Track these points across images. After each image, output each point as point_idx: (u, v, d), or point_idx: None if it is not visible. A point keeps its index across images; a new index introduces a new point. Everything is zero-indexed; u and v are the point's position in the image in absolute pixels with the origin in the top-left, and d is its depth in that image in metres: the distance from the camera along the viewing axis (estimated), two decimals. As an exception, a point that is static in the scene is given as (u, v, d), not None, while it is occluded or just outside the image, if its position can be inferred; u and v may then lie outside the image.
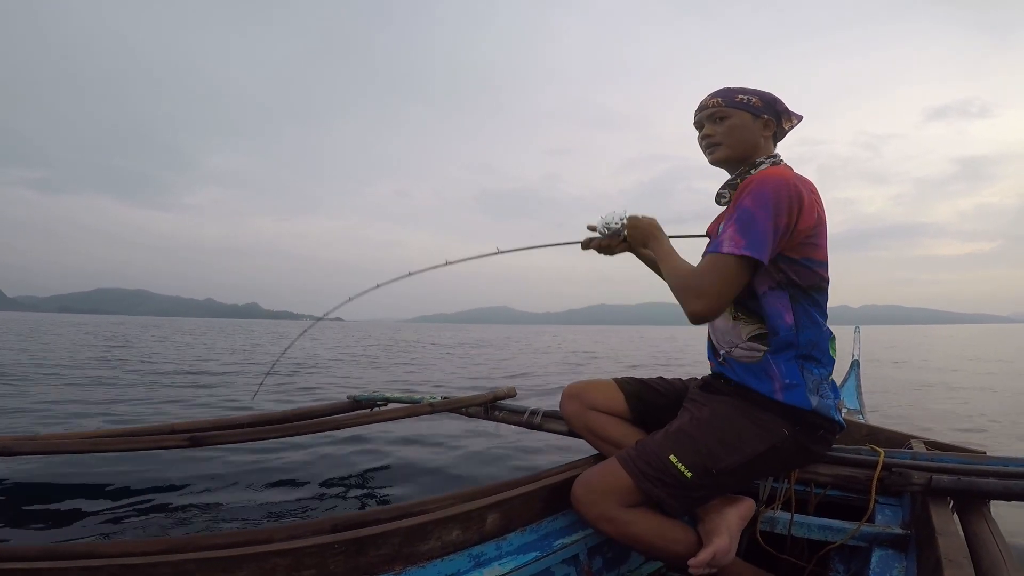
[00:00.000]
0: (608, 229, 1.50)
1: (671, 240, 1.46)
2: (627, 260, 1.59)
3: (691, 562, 1.25)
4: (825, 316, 1.37)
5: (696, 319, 1.26)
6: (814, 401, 1.30)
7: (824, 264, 1.33)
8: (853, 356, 3.68)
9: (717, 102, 1.40)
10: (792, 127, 1.47)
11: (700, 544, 1.29)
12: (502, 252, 1.79)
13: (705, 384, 1.50)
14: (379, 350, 15.38)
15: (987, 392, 7.16)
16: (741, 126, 1.39)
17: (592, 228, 1.54)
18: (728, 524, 1.32)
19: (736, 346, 1.39)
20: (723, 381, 1.43)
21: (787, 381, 1.30)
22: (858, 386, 3.24)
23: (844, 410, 2.81)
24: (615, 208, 1.54)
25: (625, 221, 1.49)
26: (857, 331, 4.05)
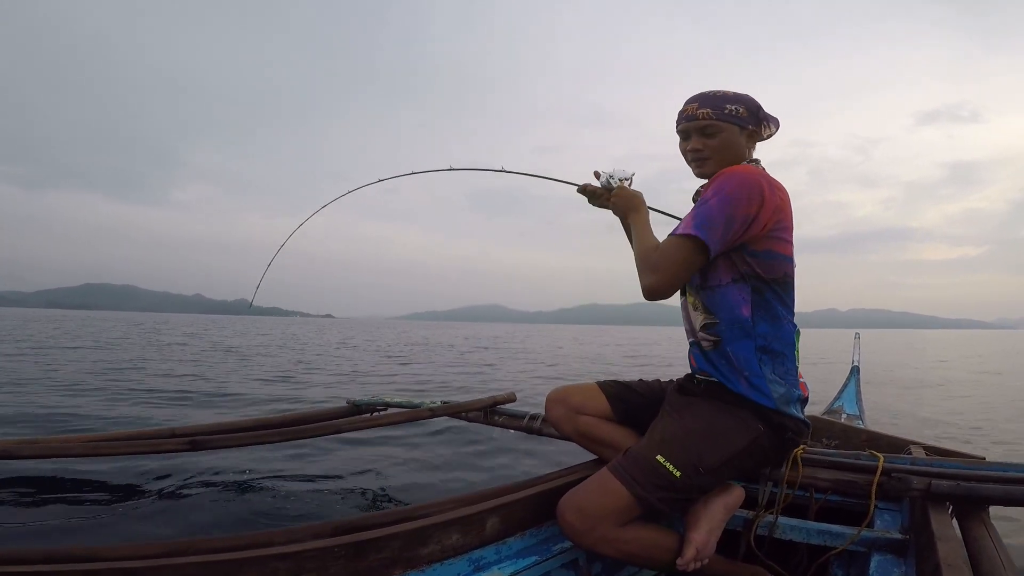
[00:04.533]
0: (608, 184, 1.55)
1: (652, 213, 1.53)
2: (620, 262, 1.59)
3: (677, 563, 1.28)
4: (789, 311, 1.41)
5: (648, 293, 1.34)
6: (776, 396, 1.35)
7: (789, 259, 1.38)
8: (853, 362, 3.67)
9: (707, 114, 1.38)
10: (771, 134, 1.48)
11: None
12: (506, 172, 1.96)
13: (681, 387, 1.53)
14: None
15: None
16: (731, 141, 1.40)
17: (597, 175, 1.59)
18: (710, 515, 1.34)
19: (701, 337, 1.44)
20: (696, 382, 1.47)
21: (747, 373, 1.35)
22: (858, 392, 3.23)
23: (844, 416, 2.81)
24: (626, 167, 1.56)
25: (626, 182, 1.54)
26: (857, 337, 4.04)
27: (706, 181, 1.45)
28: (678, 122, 1.45)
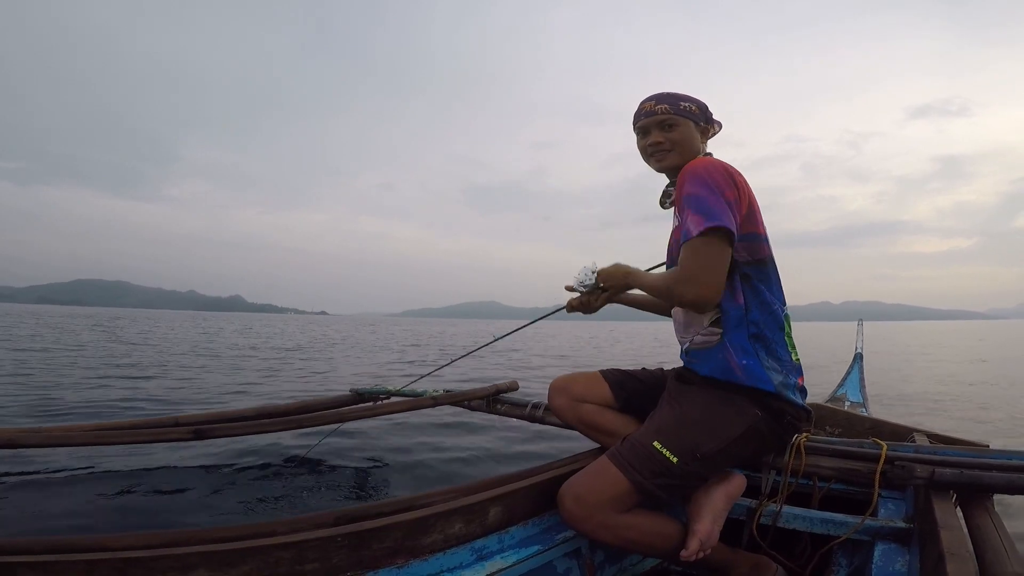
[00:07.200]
0: (584, 286, 1.56)
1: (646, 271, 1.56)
2: (618, 259, 1.62)
3: (682, 554, 1.28)
4: (776, 296, 1.40)
5: (700, 305, 1.31)
6: (776, 380, 1.34)
7: (765, 238, 1.39)
8: (856, 349, 3.66)
9: (665, 109, 1.45)
10: (715, 133, 1.55)
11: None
12: (496, 339, 2.24)
13: (679, 375, 1.53)
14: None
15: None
16: (688, 134, 1.46)
17: (570, 288, 1.60)
18: (713, 504, 1.35)
19: (697, 333, 1.44)
20: (693, 372, 1.47)
21: (744, 362, 1.34)
22: (861, 379, 3.22)
23: (847, 403, 2.81)
24: (584, 264, 1.60)
25: (596, 272, 1.55)
26: (860, 324, 4.02)
27: (668, 180, 1.52)
28: (636, 120, 1.51)
